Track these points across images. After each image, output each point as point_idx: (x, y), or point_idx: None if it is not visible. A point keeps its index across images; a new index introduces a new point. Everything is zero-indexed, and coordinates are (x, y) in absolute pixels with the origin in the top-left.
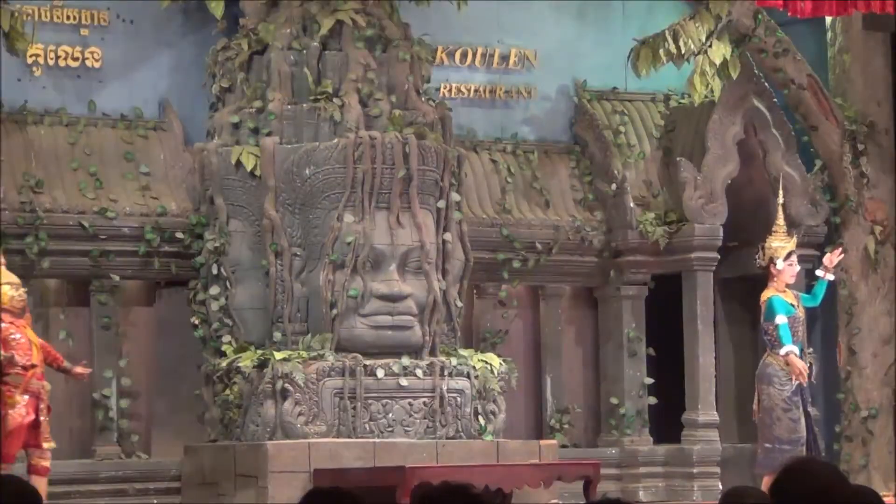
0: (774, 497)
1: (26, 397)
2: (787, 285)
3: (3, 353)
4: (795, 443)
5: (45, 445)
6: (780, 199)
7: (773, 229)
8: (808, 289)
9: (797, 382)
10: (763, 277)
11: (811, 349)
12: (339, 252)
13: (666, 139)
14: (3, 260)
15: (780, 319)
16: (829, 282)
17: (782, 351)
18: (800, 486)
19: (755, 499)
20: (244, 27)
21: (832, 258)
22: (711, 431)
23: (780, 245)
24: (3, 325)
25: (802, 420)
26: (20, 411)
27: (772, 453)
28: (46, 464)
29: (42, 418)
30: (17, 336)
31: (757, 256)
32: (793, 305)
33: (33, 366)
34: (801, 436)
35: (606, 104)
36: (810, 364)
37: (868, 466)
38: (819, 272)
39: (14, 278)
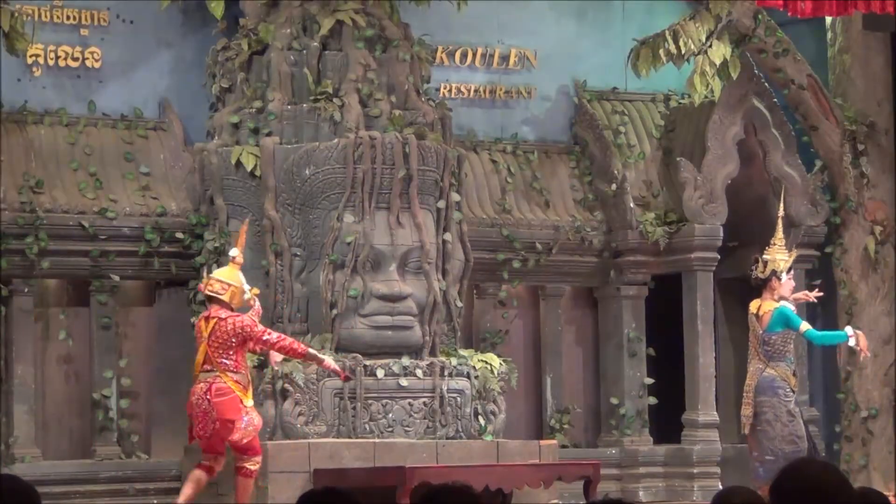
0: (774, 497)
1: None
2: (783, 299)
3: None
4: (798, 454)
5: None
6: (781, 212)
7: (773, 242)
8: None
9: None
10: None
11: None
12: (339, 252)
13: (666, 139)
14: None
15: (805, 326)
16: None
17: (849, 331)
18: (800, 487)
19: (744, 498)
20: (244, 27)
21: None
22: (711, 431)
23: (783, 258)
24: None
25: (804, 430)
26: (259, 413)
27: (775, 464)
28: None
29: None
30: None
31: (753, 268)
32: None
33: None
34: (804, 447)
35: (606, 104)
36: (794, 373)
37: (868, 466)
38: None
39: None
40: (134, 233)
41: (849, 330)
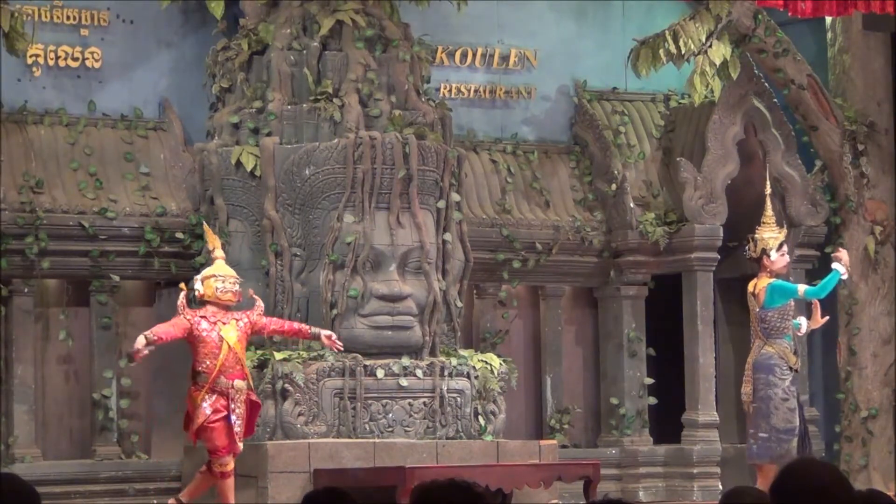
0: (775, 497)
1: (214, 396)
2: (779, 276)
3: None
4: (791, 432)
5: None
6: (768, 190)
7: (763, 220)
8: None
9: (794, 373)
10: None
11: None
12: (339, 252)
13: (666, 139)
14: (222, 254)
15: (802, 288)
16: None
17: (840, 269)
18: (800, 487)
19: (754, 499)
20: (244, 27)
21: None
22: (711, 431)
23: (772, 236)
24: (195, 318)
25: (797, 410)
26: (205, 410)
27: (768, 442)
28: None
29: (234, 419)
30: (206, 331)
31: (746, 248)
32: None
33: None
34: (796, 425)
35: (606, 104)
36: (795, 351)
37: (868, 466)
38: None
39: (228, 271)
40: (134, 233)
41: (839, 267)
